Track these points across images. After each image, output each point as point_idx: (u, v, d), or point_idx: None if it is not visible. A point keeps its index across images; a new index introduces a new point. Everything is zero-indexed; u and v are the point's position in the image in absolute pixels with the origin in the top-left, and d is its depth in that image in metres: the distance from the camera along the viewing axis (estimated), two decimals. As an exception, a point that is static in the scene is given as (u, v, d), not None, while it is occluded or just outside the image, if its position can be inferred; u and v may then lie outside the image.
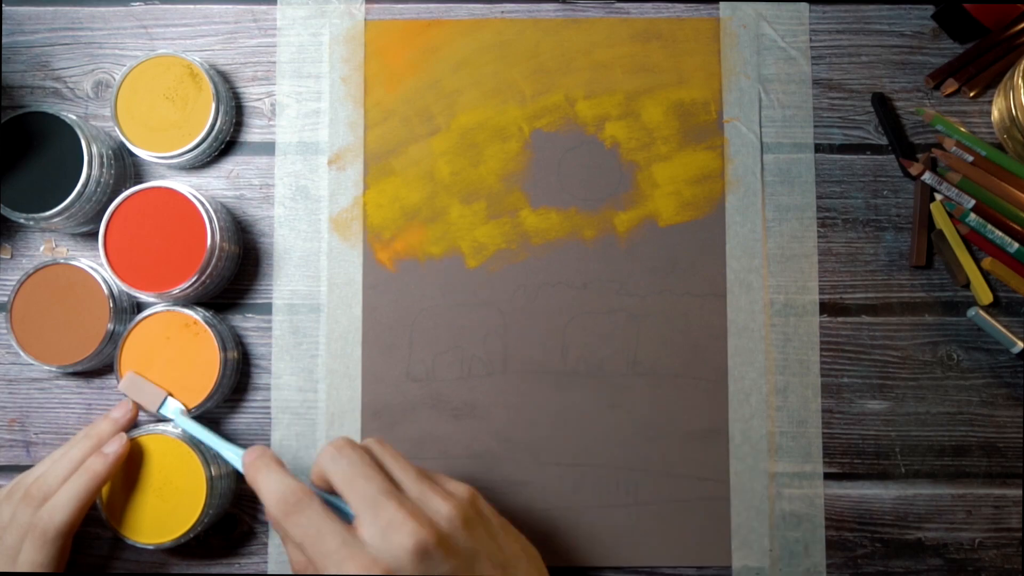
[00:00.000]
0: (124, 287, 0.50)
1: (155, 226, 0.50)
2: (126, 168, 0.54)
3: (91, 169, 0.50)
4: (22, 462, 0.54)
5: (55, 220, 0.50)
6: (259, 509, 0.53)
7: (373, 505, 0.39)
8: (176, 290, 0.50)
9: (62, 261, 0.52)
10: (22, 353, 0.51)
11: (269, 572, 0.53)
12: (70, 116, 0.50)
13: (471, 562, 0.40)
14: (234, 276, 0.54)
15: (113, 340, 0.52)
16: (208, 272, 0.50)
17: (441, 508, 0.41)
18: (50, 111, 0.50)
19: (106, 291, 0.51)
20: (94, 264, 0.52)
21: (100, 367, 0.54)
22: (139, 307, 0.53)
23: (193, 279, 0.50)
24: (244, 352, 0.54)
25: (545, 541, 0.52)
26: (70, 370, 0.52)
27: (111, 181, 0.52)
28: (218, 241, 0.50)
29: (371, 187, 0.55)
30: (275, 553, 0.53)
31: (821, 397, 0.53)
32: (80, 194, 0.50)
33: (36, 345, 0.51)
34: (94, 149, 0.50)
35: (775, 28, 0.55)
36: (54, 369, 0.52)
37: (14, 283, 0.52)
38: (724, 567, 0.52)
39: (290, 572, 0.52)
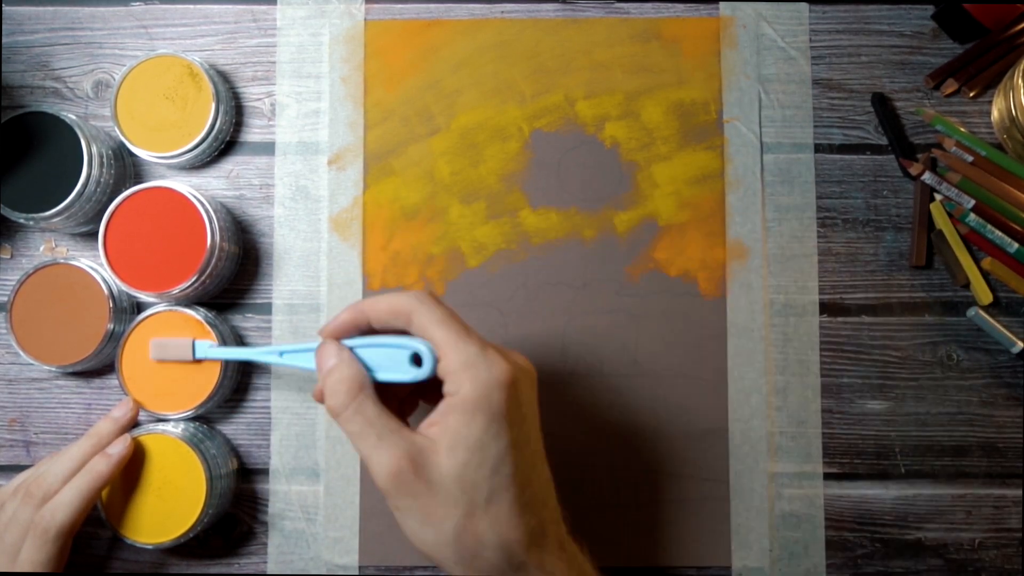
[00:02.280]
0: (124, 287, 0.50)
1: (155, 226, 0.50)
2: (126, 168, 0.54)
3: (91, 169, 0.50)
4: (22, 462, 0.54)
5: (55, 220, 0.50)
6: (259, 509, 0.53)
7: (466, 340, 0.38)
8: (176, 290, 0.50)
9: (62, 261, 0.52)
10: (22, 353, 0.51)
11: (268, 572, 0.53)
12: (70, 116, 0.50)
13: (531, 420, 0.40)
14: (234, 276, 0.54)
15: (113, 340, 0.52)
16: (208, 272, 0.50)
17: (520, 360, 0.40)
18: (50, 111, 0.50)
19: (106, 291, 0.51)
20: (94, 264, 0.52)
21: (100, 367, 0.54)
22: (139, 307, 0.53)
23: (193, 279, 0.50)
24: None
25: (545, 541, 0.52)
26: (70, 370, 0.52)
27: (111, 181, 0.52)
28: (218, 241, 0.50)
29: (371, 187, 0.55)
30: (275, 553, 0.53)
31: (821, 397, 0.53)
32: (80, 194, 0.50)
33: (36, 345, 0.51)
34: (94, 149, 0.50)
35: (775, 28, 0.55)
36: (54, 369, 0.52)
37: (14, 283, 0.52)
38: (724, 567, 0.52)
39: (289, 572, 0.53)
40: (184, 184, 0.51)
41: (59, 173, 0.50)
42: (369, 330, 0.41)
